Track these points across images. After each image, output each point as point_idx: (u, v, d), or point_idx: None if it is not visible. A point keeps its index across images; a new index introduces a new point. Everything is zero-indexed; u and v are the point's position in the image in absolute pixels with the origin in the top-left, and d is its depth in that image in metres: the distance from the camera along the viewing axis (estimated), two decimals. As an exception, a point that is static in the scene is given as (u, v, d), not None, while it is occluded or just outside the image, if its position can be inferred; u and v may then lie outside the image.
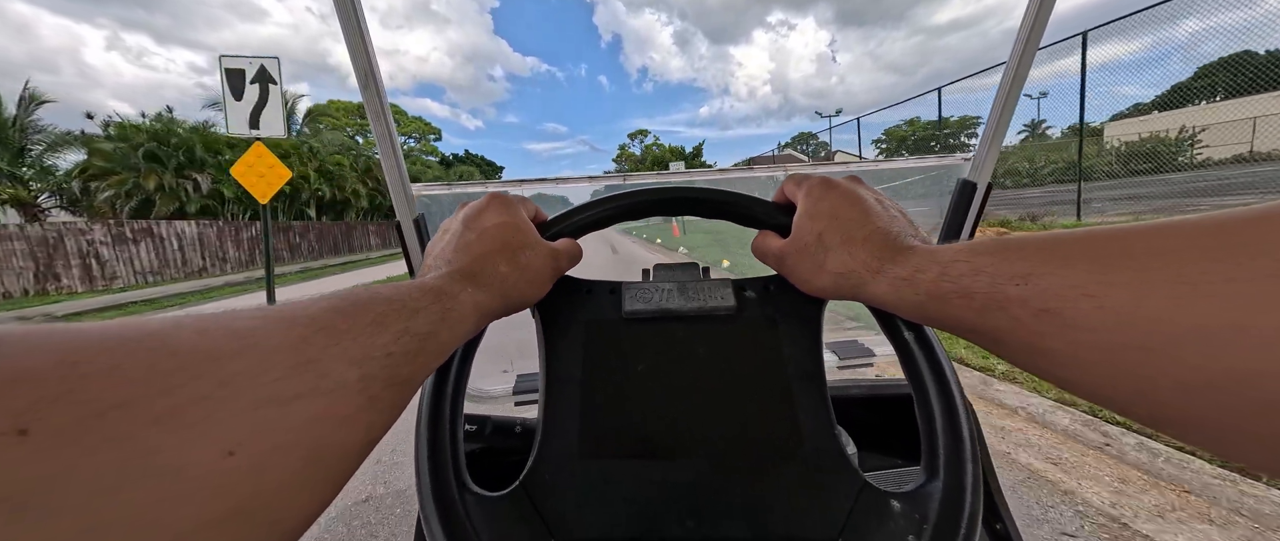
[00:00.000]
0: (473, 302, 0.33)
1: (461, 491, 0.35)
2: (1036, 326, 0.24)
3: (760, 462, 0.37)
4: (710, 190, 0.46)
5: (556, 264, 0.42)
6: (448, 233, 0.40)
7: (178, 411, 0.15)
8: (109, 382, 0.14)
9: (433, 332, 0.28)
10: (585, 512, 0.36)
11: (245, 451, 0.16)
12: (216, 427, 0.16)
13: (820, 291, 0.38)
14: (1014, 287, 0.25)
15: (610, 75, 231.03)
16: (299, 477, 0.19)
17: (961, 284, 0.28)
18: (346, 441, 0.21)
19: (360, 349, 0.23)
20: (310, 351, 0.20)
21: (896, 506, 0.35)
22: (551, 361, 0.43)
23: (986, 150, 0.70)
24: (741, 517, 0.36)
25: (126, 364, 0.15)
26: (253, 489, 0.17)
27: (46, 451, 0.12)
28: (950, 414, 0.35)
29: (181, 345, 0.17)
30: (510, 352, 0.88)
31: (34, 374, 0.13)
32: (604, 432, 0.39)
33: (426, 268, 0.38)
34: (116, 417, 0.14)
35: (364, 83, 0.60)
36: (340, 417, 0.21)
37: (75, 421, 0.13)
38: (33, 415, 0.12)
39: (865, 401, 0.77)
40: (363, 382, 0.22)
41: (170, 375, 0.16)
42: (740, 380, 0.41)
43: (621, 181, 0.89)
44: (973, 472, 0.33)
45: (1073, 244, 0.24)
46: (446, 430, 0.36)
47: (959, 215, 0.73)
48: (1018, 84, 0.64)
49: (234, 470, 0.16)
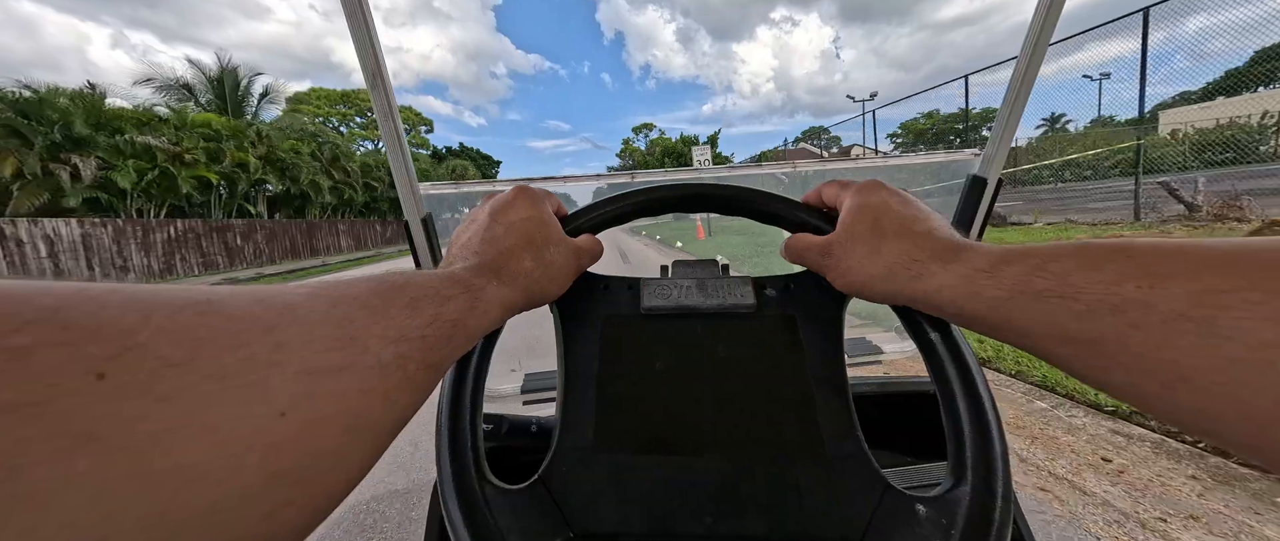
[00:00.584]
0: (497, 296, 0.34)
1: (481, 483, 0.36)
2: (1164, 335, 0.21)
3: (779, 461, 0.37)
4: (744, 189, 0.46)
5: (578, 261, 0.42)
6: (475, 222, 0.40)
7: (236, 372, 0.16)
8: (178, 340, 0.15)
9: (461, 320, 0.29)
10: (603, 506, 0.36)
11: (295, 415, 0.17)
12: (270, 391, 0.17)
13: (866, 282, 0.37)
14: (1136, 289, 0.22)
15: (613, 72, 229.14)
16: (341, 445, 0.20)
17: (1068, 281, 0.25)
18: (383, 415, 0.22)
19: (397, 329, 0.24)
20: (352, 328, 0.21)
21: (922, 511, 0.34)
22: (570, 356, 0.43)
23: (997, 145, 0.69)
24: (760, 515, 0.36)
25: (193, 324, 0.16)
26: (301, 450, 0.18)
27: (120, 396, 0.13)
28: (979, 417, 0.34)
29: (238, 312, 0.18)
30: (519, 352, 0.89)
31: (115, 325, 0.14)
32: (622, 428, 0.40)
33: (452, 256, 0.38)
34: (182, 373, 0.15)
35: (372, 82, 0.61)
36: (379, 392, 0.22)
37: (147, 372, 0.14)
38: (110, 362, 0.14)
39: (874, 399, 0.77)
40: (399, 361, 0.23)
41: (230, 338, 0.17)
42: (759, 378, 0.41)
43: (629, 180, 0.89)
44: (1003, 479, 0.32)
45: (1211, 249, 0.22)
46: (467, 423, 0.37)
47: (969, 211, 0.73)
48: (1029, 79, 0.64)
49: (285, 431, 0.17)
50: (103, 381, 0.13)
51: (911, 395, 0.77)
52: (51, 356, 0.13)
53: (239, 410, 0.16)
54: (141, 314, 0.15)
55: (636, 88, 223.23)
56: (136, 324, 0.15)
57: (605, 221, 0.46)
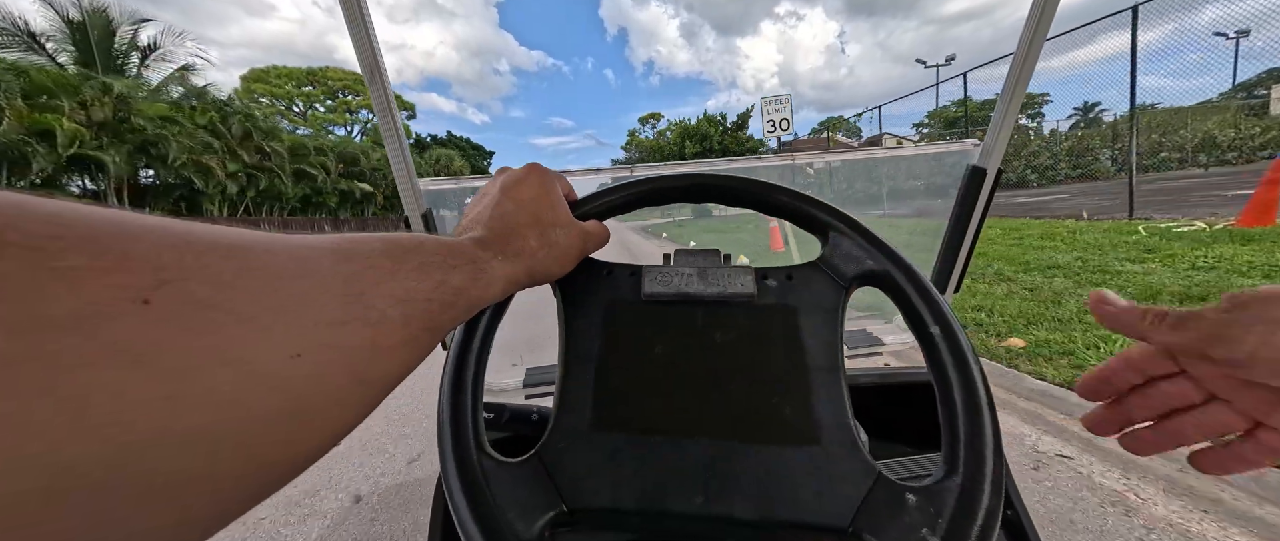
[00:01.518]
0: (501, 271, 0.34)
1: (480, 455, 0.37)
2: None
3: (772, 447, 0.38)
4: (751, 181, 0.46)
5: (584, 244, 0.43)
6: (486, 196, 0.41)
7: (255, 316, 0.18)
8: (209, 278, 0.17)
9: (464, 289, 0.30)
10: (596, 483, 0.37)
11: (306, 359, 0.19)
12: (285, 334, 0.18)
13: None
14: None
15: (616, 68, 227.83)
16: (346, 391, 0.21)
17: None
18: (385, 369, 0.24)
19: (404, 291, 0.25)
20: (361, 286, 0.23)
21: (911, 499, 0.35)
22: (570, 338, 0.44)
23: (996, 136, 0.70)
24: (751, 498, 0.36)
25: (221, 265, 0.17)
26: (310, 391, 0.19)
27: (161, 322, 0.15)
28: (972, 408, 0.35)
29: (259, 259, 0.19)
30: (520, 348, 0.89)
31: (159, 257, 0.16)
32: (618, 409, 0.40)
33: (462, 227, 0.39)
34: (209, 311, 0.16)
35: (371, 78, 0.61)
36: (383, 347, 0.23)
37: (186, 303, 0.16)
38: (154, 290, 0.15)
39: (874, 390, 0.78)
40: (403, 320, 0.24)
41: (253, 283, 0.18)
42: (757, 366, 0.41)
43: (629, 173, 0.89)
44: (993, 469, 0.33)
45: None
46: (468, 399, 0.38)
47: (969, 201, 0.73)
48: (1027, 70, 0.64)
49: (296, 373, 0.18)
50: (147, 307, 0.14)
51: (911, 386, 0.77)
52: (98, 278, 0.14)
53: (260, 350, 0.17)
54: (176, 250, 0.16)
55: (640, 84, 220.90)
56: (171, 260, 0.16)
57: (612, 208, 0.46)
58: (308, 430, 0.20)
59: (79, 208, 0.15)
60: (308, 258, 0.21)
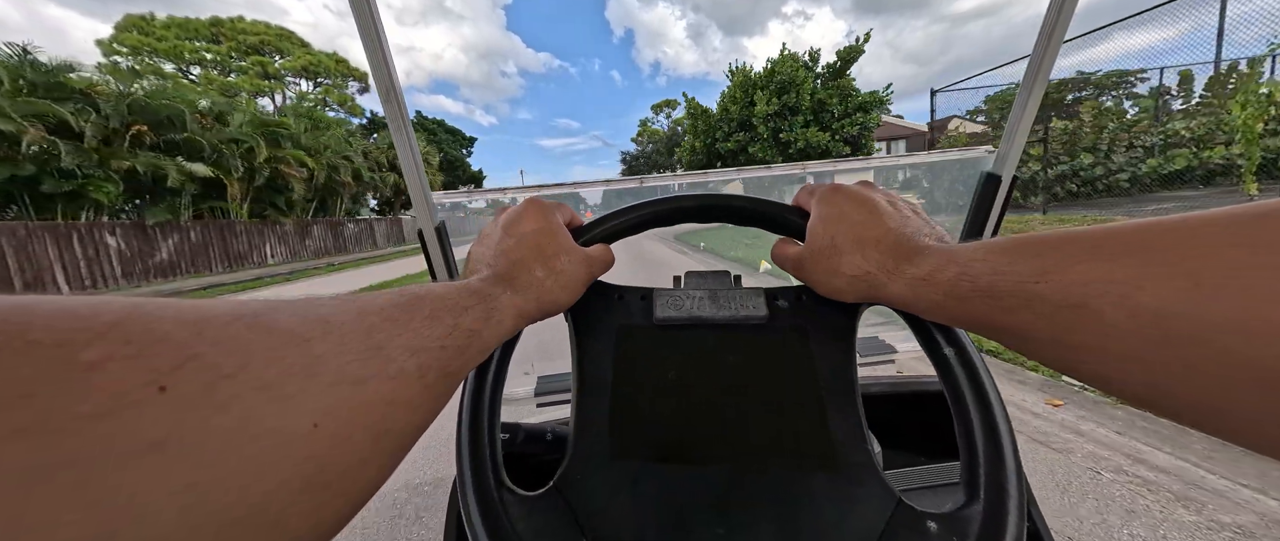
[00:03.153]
0: (511, 305, 0.35)
1: (499, 489, 0.37)
2: (1063, 321, 0.24)
3: (790, 473, 0.38)
4: (729, 196, 0.47)
5: (590, 269, 0.44)
6: (488, 237, 0.42)
7: (277, 383, 0.17)
8: (227, 352, 0.16)
9: (477, 329, 0.30)
10: (616, 513, 0.37)
11: (327, 424, 0.19)
12: (306, 400, 0.18)
13: (837, 294, 0.39)
14: (1034, 285, 0.26)
15: (622, 70, 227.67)
16: (368, 451, 0.21)
17: (981, 283, 0.29)
18: (406, 422, 0.23)
19: (418, 340, 0.25)
20: (378, 338, 0.23)
21: (933, 527, 0.34)
22: (584, 365, 0.44)
23: (1011, 143, 0.69)
24: (770, 527, 0.36)
25: (241, 337, 0.17)
26: (332, 458, 0.19)
27: (180, 406, 0.14)
28: (991, 430, 0.34)
29: (278, 325, 0.19)
30: (532, 355, 0.90)
31: (172, 339, 0.15)
32: (635, 436, 0.40)
33: (469, 270, 0.40)
34: (232, 383, 0.16)
35: (385, 95, 0.63)
36: (403, 401, 0.23)
37: (203, 384, 0.15)
38: (170, 374, 0.15)
39: (887, 399, 0.77)
40: (420, 371, 0.24)
41: (271, 351, 0.18)
42: (771, 390, 0.41)
43: (638, 185, 0.89)
44: (1016, 495, 0.32)
45: (1093, 239, 0.25)
46: (485, 430, 0.38)
47: (983, 210, 0.72)
48: (1043, 76, 0.63)
49: (318, 440, 0.18)
50: (164, 394, 0.14)
51: (923, 395, 0.76)
52: (119, 370, 0.14)
53: (280, 421, 0.17)
54: (194, 327, 0.16)
55: (646, 84, 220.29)
56: (191, 337, 0.16)
57: (613, 233, 0.47)
58: (332, 496, 0.19)
59: (100, 300, 0.15)
60: (328, 317, 0.21)
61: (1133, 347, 0.22)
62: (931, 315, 0.34)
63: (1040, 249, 0.27)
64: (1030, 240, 0.28)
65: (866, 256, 0.36)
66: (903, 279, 0.34)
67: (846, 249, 0.37)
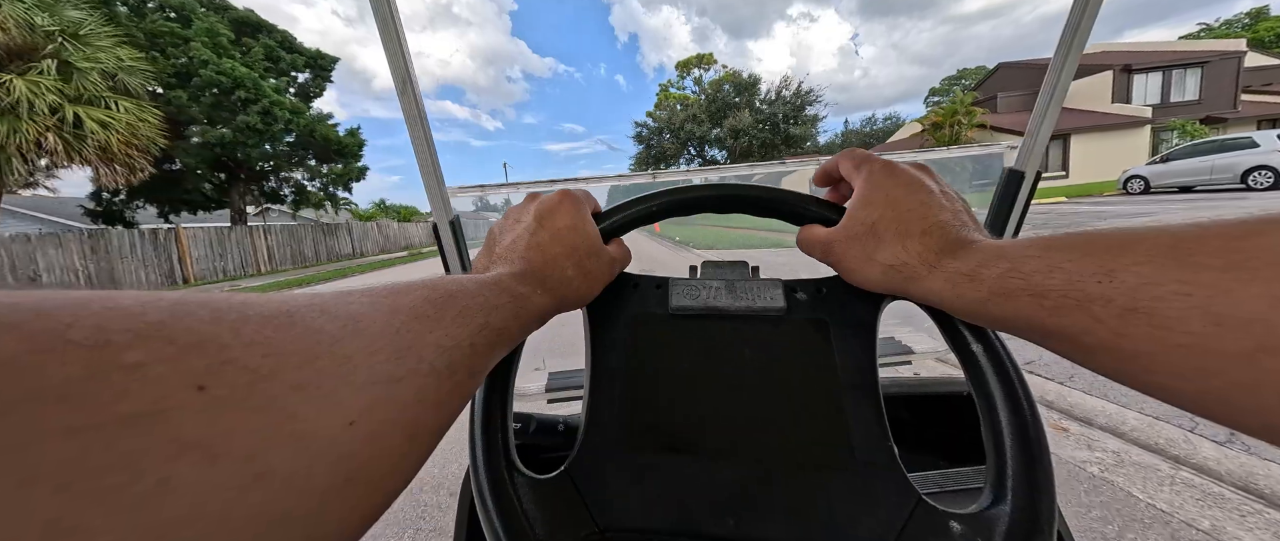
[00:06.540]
0: (539, 305, 0.35)
1: (511, 473, 0.37)
2: (1121, 327, 0.23)
3: (806, 468, 0.37)
4: (753, 186, 0.46)
5: (612, 269, 0.44)
6: (520, 223, 0.41)
7: (311, 383, 0.17)
8: (264, 353, 0.17)
9: (506, 328, 0.30)
10: (627, 502, 0.37)
11: (362, 423, 0.19)
12: (341, 400, 0.18)
13: (868, 284, 0.38)
14: (1095, 285, 0.24)
15: (627, 74, 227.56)
16: (400, 450, 0.21)
17: (1033, 281, 0.27)
18: (434, 421, 0.23)
19: (449, 338, 0.25)
20: (408, 338, 0.23)
21: (956, 528, 0.33)
22: (598, 354, 0.44)
23: (1034, 138, 0.68)
24: (785, 521, 0.35)
25: (275, 338, 0.17)
26: (368, 456, 0.19)
27: (218, 407, 0.15)
28: (1022, 432, 0.33)
29: (310, 325, 0.19)
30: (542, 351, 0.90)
31: (212, 339, 0.15)
32: (647, 426, 0.40)
33: (496, 256, 0.39)
34: (269, 384, 0.16)
35: (402, 89, 0.63)
36: (432, 400, 0.23)
37: (241, 384, 0.15)
38: (209, 375, 0.15)
39: (905, 400, 0.76)
40: (449, 369, 0.24)
41: (305, 351, 0.18)
42: (788, 383, 0.40)
43: (651, 180, 0.89)
44: (1047, 500, 0.31)
45: (1158, 239, 0.23)
46: (499, 415, 0.39)
47: (1005, 207, 0.71)
48: (1068, 72, 0.62)
49: (354, 438, 0.18)
50: (203, 393, 0.14)
51: (944, 397, 0.75)
52: (160, 370, 0.14)
53: (317, 421, 0.17)
54: (232, 327, 0.16)
55: (651, 88, 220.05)
56: (228, 337, 0.16)
57: (632, 221, 0.46)
58: (368, 493, 0.19)
59: (143, 297, 0.15)
60: (359, 316, 0.21)
61: (1212, 359, 0.20)
62: (968, 314, 0.32)
63: (1106, 246, 0.25)
64: (1093, 237, 0.26)
65: (907, 247, 0.35)
66: (943, 273, 0.33)
67: (888, 237, 0.36)
